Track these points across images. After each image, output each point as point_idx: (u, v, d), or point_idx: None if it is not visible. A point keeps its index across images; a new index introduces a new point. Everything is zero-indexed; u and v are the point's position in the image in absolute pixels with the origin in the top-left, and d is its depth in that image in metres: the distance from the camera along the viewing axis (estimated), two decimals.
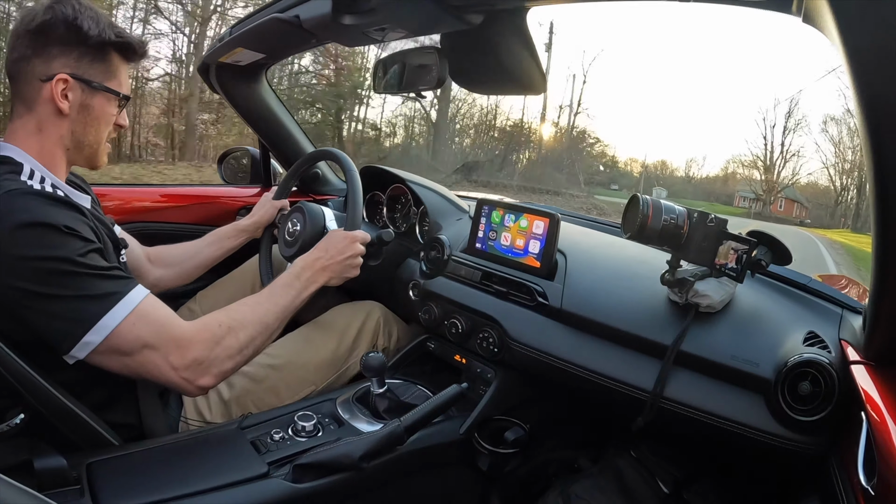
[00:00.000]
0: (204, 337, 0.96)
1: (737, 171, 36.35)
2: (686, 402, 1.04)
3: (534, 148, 25.56)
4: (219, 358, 0.97)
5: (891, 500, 0.65)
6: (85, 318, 0.86)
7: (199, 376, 0.95)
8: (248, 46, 1.44)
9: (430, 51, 1.14)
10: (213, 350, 0.96)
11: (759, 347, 1.03)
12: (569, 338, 1.20)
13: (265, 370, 1.27)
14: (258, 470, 0.96)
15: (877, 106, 0.62)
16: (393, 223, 1.75)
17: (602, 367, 1.13)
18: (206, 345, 0.96)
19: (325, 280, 1.20)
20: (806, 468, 0.97)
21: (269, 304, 1.09)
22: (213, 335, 0.97)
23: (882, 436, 0.72)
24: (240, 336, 1.00)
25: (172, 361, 0.92)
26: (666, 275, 1.08)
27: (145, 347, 0.90)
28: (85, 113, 0.99)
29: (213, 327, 0.98)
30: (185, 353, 0.93)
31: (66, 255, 0.85)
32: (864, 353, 0.92)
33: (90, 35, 0.95)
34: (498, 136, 23.65)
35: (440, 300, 1.41)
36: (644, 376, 1.09)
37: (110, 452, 0.94)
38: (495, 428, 1.26)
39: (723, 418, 1.01)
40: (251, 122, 1.82)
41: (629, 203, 1.06)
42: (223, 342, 0.98)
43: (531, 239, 1.32)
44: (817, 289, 1.17)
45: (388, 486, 1.13)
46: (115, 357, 0.89)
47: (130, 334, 0.88)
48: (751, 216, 32.60)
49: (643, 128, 58.42)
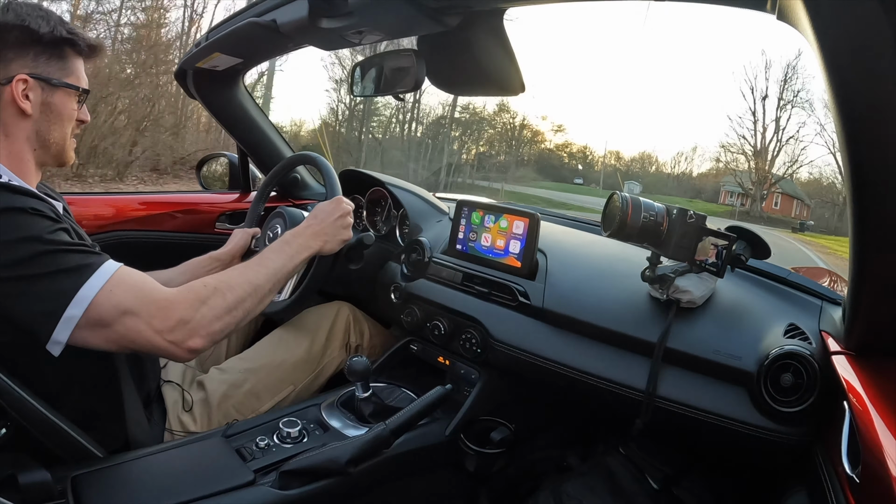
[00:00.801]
0: (187, 297, 0.93)
1: (721, 161, 32.30)
2: (674, 399, 1.05)
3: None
4: (206, 318, 0.93)
5: (875, 487, 0.66)
6: (63, 293, 0.83)
7: (186, 338, 0.91)
8: (225, 51, 1.43)
9: (408, 53, 1.14)
10: (199, 310, 0.93)
11: (740, 341, 1.04)
12: (552, 337, 1.20)
13: (243, 374, 1.27)
14: (244, 478, 0.95)
15: (851, 100, 0.63)
16: (373, 227, 1.75)
17: (586, 365, 1.14)
18: (191, 304, 0.92)
19: (320, 245, 1.19)
20: (791, 459, 0.98)
21: (258, 267, 1.07)
22: (198, 295, 0.94)
23: (865, 424, 0.73)
24: (227, 296, 0.97)
25: (155, 325, 0.89)
26: (646, 271, 1.09)
27: (125, 314, 0.87)
28: (48, 111, 0.98)
29: (197, 288, 0.96)
30: (169, 315, 0.90)
31: (36, 235, 0.83)
32: (845, 344, 0.93)
33: (42, 34, 0.95)
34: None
35: (422, 302, 1.41)
36: (628, 373, 1.09)
37: (95, 465, 0.93)
38: (481, 428, 1.26)
39: (708, 412, 1.02)
40: (229, 127, 1.81)
41: (608, 201, 1.07)
42: (209, 302, 0.94)
43: (511, 239, 1.32)
44: (797, 281, 1.18)
45: (376, 490, 1.12)
46: (98, 331, 0.86)
47: (109, 303, 0.85)
48: (735, 215, 27.99)
49: (612, 117, 57.39)
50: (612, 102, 56.76)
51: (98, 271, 0.86)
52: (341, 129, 20.38)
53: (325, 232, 1.20)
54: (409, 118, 23.13)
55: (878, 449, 0.67)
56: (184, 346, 0.91)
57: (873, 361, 0.88)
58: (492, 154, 29.79)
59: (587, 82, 57.42)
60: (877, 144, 0.65)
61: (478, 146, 27.83)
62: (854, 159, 0.68)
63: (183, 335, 0.91)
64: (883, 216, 0.72)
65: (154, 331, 0.89)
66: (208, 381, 1.25)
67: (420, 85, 1.11)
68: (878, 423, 0.71)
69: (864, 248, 0.77)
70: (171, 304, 0.91)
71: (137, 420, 1.08)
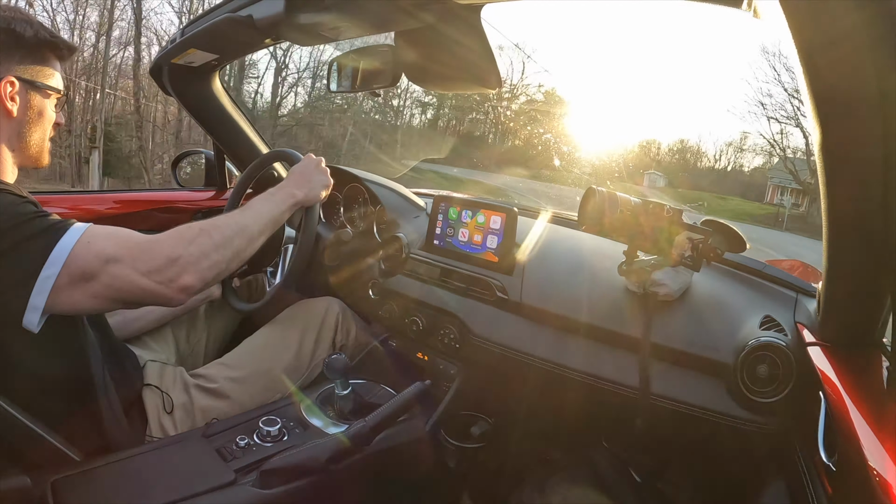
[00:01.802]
0: (171, 236, 0.92)
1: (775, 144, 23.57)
2: (655, 393, 1.06)
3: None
4: (193, 255, 0.92)
5: (852, 474, 0.68)
6: (36, 255, 0.81)
7: (176, 276, 0.90)
8: (201, 47, 1.41)
9: (385, 49, 1.14)
10: (186, 248, 0.92)
11: (717, 333, 1.05)
12: (529, 331, 1.21)
13: (229, 384, 1.24)
14: (225, 478, 0.95)
15: (825, 96, 0.64)
16: (350, 223, 1.73)
17: (564, 359, 1.15)
18: (176, 242, 0.91)
19: (304, 194, 1.21)
20: (769, 448, 1.00)
21: (244, 210, 1.08)
22: (182, 235, 0.93)
23: (840, 414, 0.74)
24: (213, 235, 0.97)
25: (141, 267, 0.87)
26: (623, 265, 1.10)
27: (109, 262, 0.85)
28: (31, 113, 0.99)
29: (181, 229, 0.95)
30: (154, 255, 0.88)
31: (2, 210, 0.83)
32: (820, 335, 0.95)
33: (27, 37, 0.95)
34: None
35: (400, 298, 1.41)
36: (607, 366, 1.10)
37: (75, 468, 0.92)
38: (461, 423, 1.27)
39: (686, 404, 1.03)
40: (205, 123, 1.78)
41: (586, 195, 1.07)
42: (196, 240, 0.94)
43: (489, 234, 1.32)
44: (772, 274, 1.20)
45: (357, 487, 1.12)
46: (81, 287, 0.84)
47: (89, 253, 0.84)
48: (783, 221, 21.37)
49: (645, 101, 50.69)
50: (644, 84, 53.97)
51: (71, 228, 0.85)
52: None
53: (306, 181, 1.23)
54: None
55: (853, 437, 0.68)
56: (175, 284, 0.90)
57: (848, 352, 0.90)
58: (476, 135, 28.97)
59: (616, 60, 53.98)
60: (851, 140, 0.67)
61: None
62: (826, 151, 0.69)
63: (173, 273, 0.90)
64: (855, 210, 0.73)
65: (141, 273, 0.87)
66: (192, 391, 1.21)
67: (397, 81, 1.11)
68: (854, 412, 0.72)
69: (838, 241, 0.78)
70: (156, 244, 0.90)
71: (117, 424, 1.06)
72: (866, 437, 0.67)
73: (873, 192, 0.70)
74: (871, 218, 0.73)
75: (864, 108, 0.63)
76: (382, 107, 22.41)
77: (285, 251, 1.36)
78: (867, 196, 0.71)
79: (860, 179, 0.70)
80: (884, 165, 0.67)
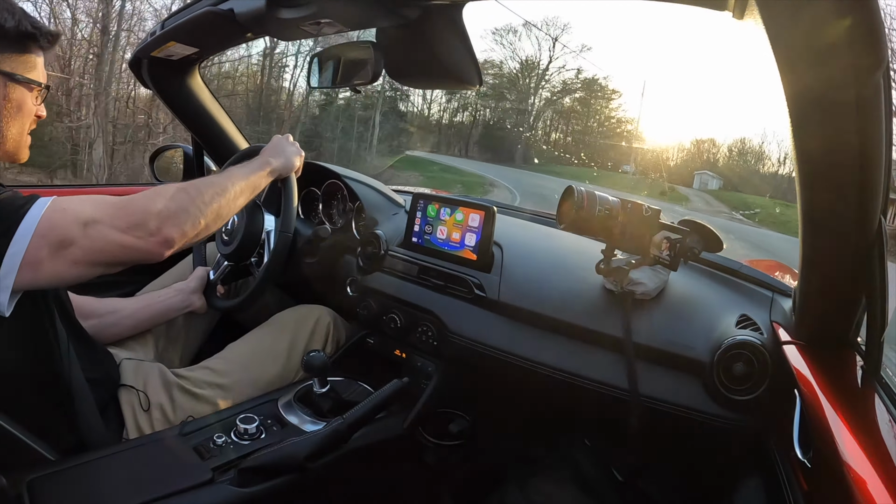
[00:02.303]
0: (146, 194, 0.92)
1: None
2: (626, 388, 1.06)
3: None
4: (170, 209, 0.92)
5: (827, 470, 0.68)
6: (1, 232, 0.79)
7: (157, 229, 0.89)
8: (181, 40, 1.40)
9: (366, 45, 1.13)
10: (165, 203, 0.92)
11: (694, 332, 1.06)
12: (507, 329, 1.21)
13: (213, 390, 1.21)
14: (203, 476, 0.94)
15: (804, 98, 0.65)
16: (329, 219, 1.73)
17: (542, 356, 1.15)
18: (152, 198, 0.91)
19: (281, 163, 1.26)
20: (746, 446, 1.01)
21: (223, 174, 1.12)
22: (159, 192, 0.93)
23: (815, 411, 0.76)
24: (191, 192, 0.97)
25: (120, 224, 0.86)
26: (601, 264, 1.11)
27: (88, 225, 0.84)
28: (10, 106, 0.96)
29: (159, 188, 0.95)
30: (133, 209, 0.88)
31: None
32: (795, 334, 0.97)
33: (8, 28, 0.92)
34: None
35: (378, 295, 1.40)
36: (584, 364, 1.11)
37: (51, 468, 0.91)
38: (439, 421, 1.27)
39: (664, 402, 1.04)
40: (184, 118, 1.77)
41: (564, 194, 1.08)
42: (175, 196, 0.94)
43: (467, 232, 1.32)
44: (748, 274, 1.22)
45: (335, 485, 1.12)
46: (62, 255, 0.82)
47: (65, 219, 0.82)
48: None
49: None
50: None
51: (35, 203, 0.83)
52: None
53: (281, 152, 1.28)
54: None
55: (828, 435, 0.69)
56: (155, 238, 0.90)
57: (822, 351, 0.91)
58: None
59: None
60: (827, 142, 0.68)
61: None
62: (803, 153, 0.70)
63: (153, 226, 0.89)
64: (830, 211, 0.75)
65: (121, 230, 0.86)
66: (174, 391, 1.18)
67: (377, 77, 1.11)
68: (829, 410, 0.74)
69: (813, 241, 0.80)
70: (131, 201, 0.90)
71: (93, 424, 1.04)
72: (840, 433, 0.68)
73: (848, 193, 0.71)
74: (845, 219, 0.75)
75: (840, 111, 0.64)
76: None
77: (267, 238, 1.35)
78: (842, 197, 0.72)
79: (836, 181, 0.71)
80: (859, 167, 0.68)
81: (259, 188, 1.20)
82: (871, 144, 0.66)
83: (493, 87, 28.29)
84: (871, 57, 0.59)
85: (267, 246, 1.34)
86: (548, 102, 29.46)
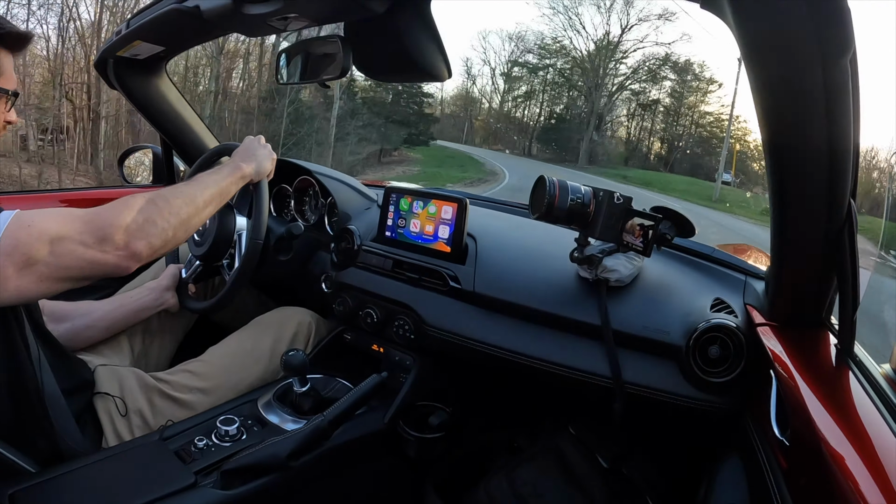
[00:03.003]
0: (114, 205, 0.90)
1: None
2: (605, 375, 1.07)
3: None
4: (137, 222, 0.90)
5: (804, 448, 0.70)
6: None
7: (124, 243, 0.87)
8: (147, 39, 1.37)
9: (334, 39, 1.12)
10: (133, 216, 0.89)
11: (669, 316, 1.07)
12: (483, 319, 1.22)
13: (194, 394, 1.20)
14: (186, 481, 0.93)
15: (770, 88, 0.66)
16: (301, 216, 1.72)
17: (519, 346, 1.16)
18: (119, 211, 0.89)
19: (253, 168, 1.23)
20: (724, 427, 1.03)
21: (192, 182, 1.08)
22: (126, 204, 0.91)
23: (791, 391, 0.77)
24: (159, 203, 0.95)
25: (87, 240, 0.84)
26: (575, 252, 1.12)
27: (53, 242, 0.81)
28: None
29: (126, 199, 0.92)
30: (99, 223, 0.86)
31: None
32: (769, 316, 0.98)
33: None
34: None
35: (353, 291, 1.40)
36: (562, 352, 1.12)
37: (32, 479, 0.89)
38: (419, 414, 1.27)
39: (642, 387, 1.05)
40: (151, 118, 1.74)
41: (536, 184, 1.08)
42: (142, 208, 0.92)
43: (440, 224, 1.33)
44: (721, 258, 1.23)
45: (318, 483, 1.12)
46: (27, 272, 0.80)
47: (31, 236, 0.80)
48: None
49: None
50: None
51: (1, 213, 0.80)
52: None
53: (253, 156, 1.24)
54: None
55: (804, 413, 0.71)
56: (123, 251, 0.88)
57: (796, 332, 0.93)
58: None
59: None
60: (794, 125, 0.69)
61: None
62: (772, 139, 0.71)
63: (120, 240, 0.87)
64: (802, 194, 0.76)
65: (88, 246, 0.85)
66: (153, 396, 1.16)
67: (346, 72, 1.10)
68: (804, 388, 0.75)
69: (785, 225, 0.81)
70: (98, 215, 0.87)
71: (70, 433, 1.02)
72: (817, 411, 0.70)
73: (818, 177, 0.73)
74: (816, 202, 0.76)
75: (808, 98, 0.65)
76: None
77: (238, 240, 1.34)
78: (813, 181, 0.74)
79: (806, 165, 0.72)
80: (828, 151, 0.70)
81: (229, 195, 1.18)
82: (839, 129, 0.68)
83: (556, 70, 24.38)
84: (838, 42, 0.60)
85: (238, 248, 1.33)
86: (621, 89, 24.90)
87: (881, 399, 0.70)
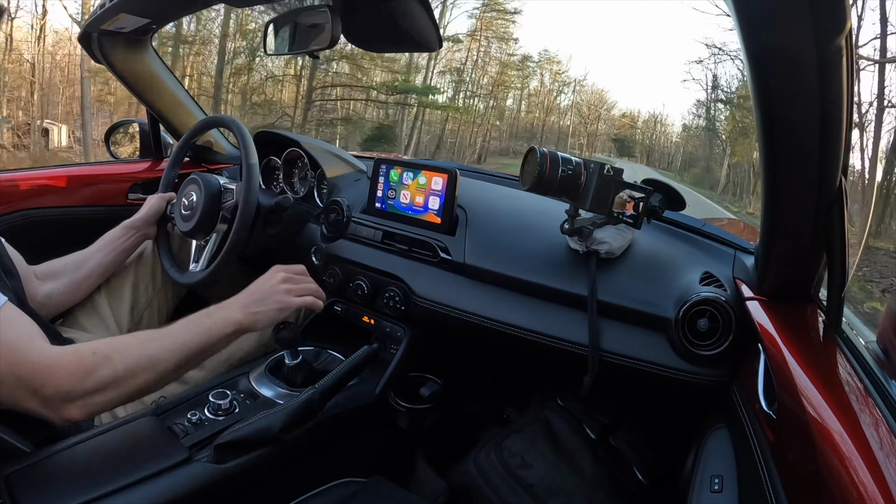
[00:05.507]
0: (70, 363, 0.83)
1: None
2: (603, 349, 1.08)
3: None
4: (87, 390, 0.84)
5: (791, 421, 0.71)
6: None
7: (61, 407, 0.83)
8: (132, 11, 1.34)
9: (323, 9, 1.10)
10: (82, 381, 0.83)
11: (658, 289, 1.08)
12: (474, 291, 1.22)
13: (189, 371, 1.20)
14: (180, 455, 0.93)
15: (763, 57, 0.66)
16: (291, 188, 1.71)
17: (509, 317, 1.17)
18: (72, 373, 0.83)
19: (250, 320, 1.03)
20: (712, 399, 1.04)
21: (163, 338, 0.95)
22: (83, 364, 0.84)
23: (778, 364, 0.78)
24: (117, 367, 0.86)
25: (27, 388, 0.80)
26: (565, 224, 1.12)
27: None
28: None
29: (84, 355, 0.86)
30: (45, 382, 0.81)
31: None
32: (758, 290, 0.99)
33: None
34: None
35: (343, 262, 1.40)
36: (552, 323, 1.13)
37: (26, 460, 0.89)
38: (410, 385, 1.28)
39: (632, 358, 1.06)
40: (137, 92, 1.71)
41: (527, 155, 1.08)
42: (95, 373, 0.84)
43: (430, 195, 1.32)
44: (711, 232, 1.24)
45: (312, 455, 1.13)
46: None
47: None
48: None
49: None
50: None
51: None
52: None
53: (257, 301, 1.04)
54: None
55: (791, 386, 0.71)
56: (58, 414, 0.83)
57: (784, 306, 0.93)
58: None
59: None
60: (788, 99, 0.69)
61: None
62: (765, 113, 0.71)
63: (59, 404, 0.83)
64: (793, 170, 0.76)
65: (27, 392, 0.81)
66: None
67: (336, 42, 1.07)
68: (791, 362, 0.75)
69: (776, 199, 0.81)
70: (50, 370, 0.82)
71: None
72: (804, 385, 0.70)
73: (810, 148, 0.72)
74: (807, 178, 0.76)
75: (801, 68, 0.65)
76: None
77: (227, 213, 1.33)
78: (804, 153, 0.73)
79: (797, 137, 0.72)
80: (820, 123, 0.69)
81: (211, 352, 1.01)
82: (832, 106, 0.67)
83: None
84: (833, 18, 0.60)
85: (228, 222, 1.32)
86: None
87: (867, 375, 0.71)
